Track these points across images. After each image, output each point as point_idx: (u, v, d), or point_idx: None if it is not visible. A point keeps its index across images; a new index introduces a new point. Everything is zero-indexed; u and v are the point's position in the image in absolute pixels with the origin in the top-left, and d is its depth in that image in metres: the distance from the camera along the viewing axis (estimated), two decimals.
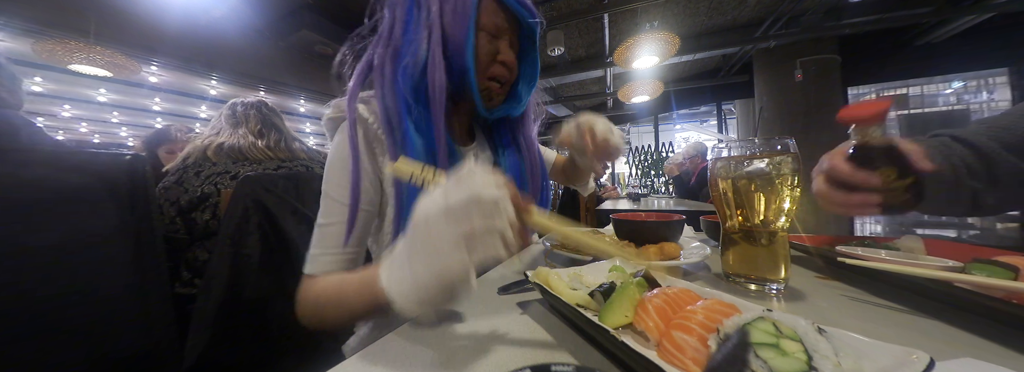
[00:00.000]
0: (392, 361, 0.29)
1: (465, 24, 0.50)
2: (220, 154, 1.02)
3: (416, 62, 0.50)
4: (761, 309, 0.27)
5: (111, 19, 3.32)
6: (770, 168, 0.43)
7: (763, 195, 0.44)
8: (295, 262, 0.80)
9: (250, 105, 1.14)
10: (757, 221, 0.45)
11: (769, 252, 0.44)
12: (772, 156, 0.44)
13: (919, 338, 0.31)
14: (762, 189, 0.44)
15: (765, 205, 0.44)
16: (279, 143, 1.11)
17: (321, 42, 4.26)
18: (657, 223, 0.63)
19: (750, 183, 0.45)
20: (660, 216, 0.67)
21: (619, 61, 3.22)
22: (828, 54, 3.85)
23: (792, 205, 0.44)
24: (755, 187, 0.44)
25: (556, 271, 0.40)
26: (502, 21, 0.54)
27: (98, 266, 0.59)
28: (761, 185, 0.44)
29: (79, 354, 0.57)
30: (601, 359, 0.28)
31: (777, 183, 0.43)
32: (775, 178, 0.43)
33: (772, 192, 0.44)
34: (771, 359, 0.21)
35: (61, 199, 0.57)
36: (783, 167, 0.43)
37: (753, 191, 0.45)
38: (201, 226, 0.98)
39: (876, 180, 0.41)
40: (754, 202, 0.45)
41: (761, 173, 0.44)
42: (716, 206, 0.50)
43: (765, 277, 0.44)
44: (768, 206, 0.44)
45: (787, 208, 0.44)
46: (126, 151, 0.64)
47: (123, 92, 5.30)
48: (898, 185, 0.40)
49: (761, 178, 0.44)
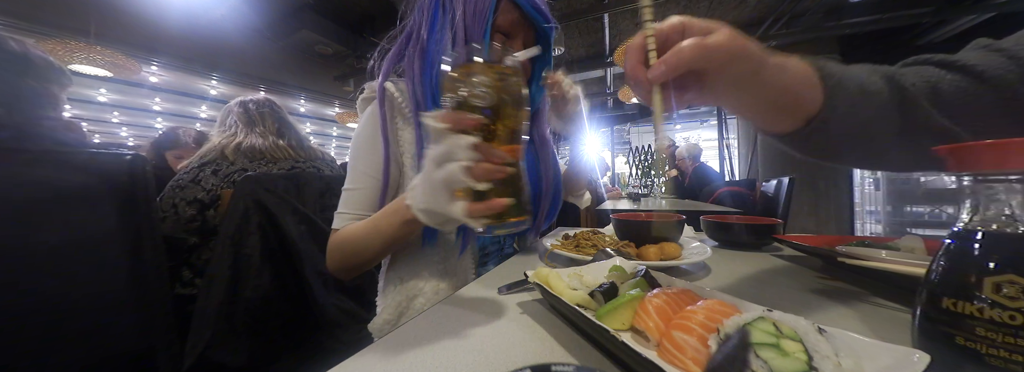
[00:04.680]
0: (392, 361, 0.29)
1: (482, 26, 0.56)
2: (238, 154, 1.02)
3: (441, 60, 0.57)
4: (762, 309, 0.27)
5: (111, 19, 3.32)
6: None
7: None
8: (295, 262, 0.80)
9: (262, 103, 1.14)
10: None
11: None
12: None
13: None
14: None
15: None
16: (300, 142, 1.12)
17: (321, 42, 4.26)
18: (657, 223, 0.63)
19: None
20: (660, 216, 0.67)
21: (619, 61, 3.23)
22: (828, 54, 3.85)
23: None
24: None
25: (556, 271, 0.40)
26: (517, 24, 0.60)
27: (98, 266, 0.59)
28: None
29: (79, 354, 0.57)
30: (601, 359, 0.28)
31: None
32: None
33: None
34: (771, 359, 0.21)
35: (62, 199, 0.57)
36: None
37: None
38: (212, 224, 0.99)
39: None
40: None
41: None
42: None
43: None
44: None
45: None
46: (126, 151, 0.64)
47: (123, 92, 5.31)
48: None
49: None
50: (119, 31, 3.40)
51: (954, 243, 0.24)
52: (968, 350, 0.21)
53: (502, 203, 0.34)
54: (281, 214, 0.78)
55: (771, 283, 0.48)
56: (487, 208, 0.34)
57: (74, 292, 0.56)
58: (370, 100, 0.64)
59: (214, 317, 0.69)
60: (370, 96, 0.64)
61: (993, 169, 0.22)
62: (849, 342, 0.23)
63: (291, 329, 0.80)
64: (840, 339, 0.23)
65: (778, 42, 3.85)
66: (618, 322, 0.31)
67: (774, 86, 0.35)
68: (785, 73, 0.35)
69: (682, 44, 0.30)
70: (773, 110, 0.38)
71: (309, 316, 0.81)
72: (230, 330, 0.70)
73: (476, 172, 0.33)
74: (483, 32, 0.56)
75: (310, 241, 0.83)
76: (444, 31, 0.57)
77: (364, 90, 0.65)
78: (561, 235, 0.73)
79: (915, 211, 4.24)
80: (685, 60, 0.30)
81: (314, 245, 0.83)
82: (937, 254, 0.24)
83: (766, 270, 0.55)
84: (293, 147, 1.10)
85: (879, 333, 0.32)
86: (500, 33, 0.60)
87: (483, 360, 0.28)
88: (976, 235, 0.22)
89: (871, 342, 0.22)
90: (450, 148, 0.34)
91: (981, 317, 0.21)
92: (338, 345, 0.83)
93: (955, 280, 0.23)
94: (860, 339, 0.23)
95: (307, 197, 0.86)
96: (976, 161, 0.23)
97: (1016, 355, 0.20)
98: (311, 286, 0.80)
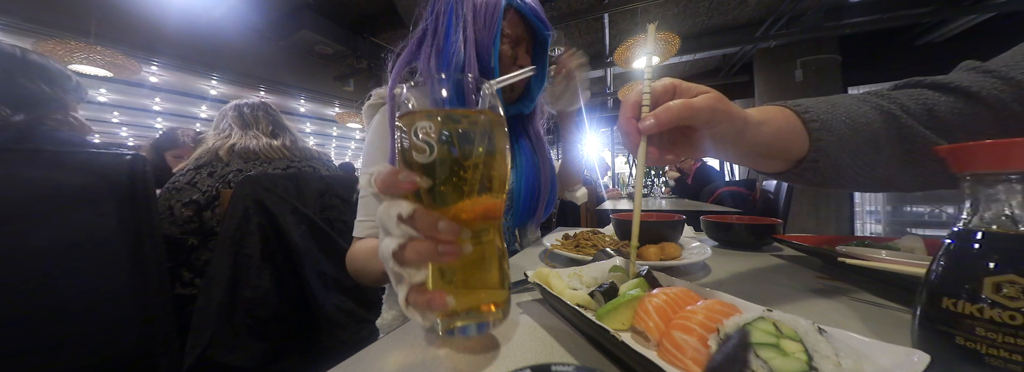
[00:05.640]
0: (392, 361, 0.29)
1: (492, 33, 0.61)
2: (232, 154, 1.04)
3: (456, 62, 0.60)
4: (762, 309, 0.27)
5: (111, 19, 3.32)
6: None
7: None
8: (295, 262, 0.80)
9: (256, 106, 1.15)
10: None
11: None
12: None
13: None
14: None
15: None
16: (295, 143, 1.13)
17: (321, 42, 4.26)
18: (658, 223, 0.63)
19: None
20: (661, 216, 0.67)
21: (619, 61, 3.22)
22: (828, 54, 3.85)
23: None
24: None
25: (556, 271, 0.40)
26: (522, 31, 0.66)
27: (98, 266, 0.59)
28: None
29: (79, 353, 0.57)
30: (601, 359, 0.28)
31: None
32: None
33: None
34: (771, 359, 0.21)
35: (62, 199, 0.57)
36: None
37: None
38: (210, 225, 0.99)
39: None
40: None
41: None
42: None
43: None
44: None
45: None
46: (126, 151, 0.64)
47: (123, 92, 5.31)
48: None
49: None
50: (119, 31, 3.40)
51: (954, 243, 0.24)
52: (968, 350, 0.21)
53: (441, 300, 0.24)
54: (281, 214, 0.78)
55: (771, 283, 0.48)
56: (426, 303, 0.24)
57: (74, 292, 0.56)
58: (377, 107, 0.66)
59: (214, 317, 0.69)
60: (377, 103, 0.66)
61: (993, 169, 0.22)
62: (849, 342, 0.23)
63: (291, 329, 0.80)
64: (840, 339, 0.23)
65: (778, 42, 3.86)
66: (618, 322, 0.31)
67: (758, 142, 0.37)
68: (768, 127, 0.37)
69: (671, 103, 0.32)
70: (760, 158, 0.40)
71: (309, 316, 0.81)
72: (230, 330, 0.70)
73: (407, 255, 0.24)
74: (493, 39, 0.60)
75: (310, 241, 0.83)
76: (458, 35, 0.60)
77: (371, 97, 0.66)
78: (561, 235, 0.73)
79: (915, 211, 4.24)
80: (673, 116, 0.32)
81: (314, 245, 0.83)
82: (937, 254, 0.25)
83: (766, 270, 0.55)
84: (287, 147, 1.10)
85: (879, 333, 0.32)
86: (507, 39, 0.64)
87: (483, 360, 0.28)
88: (976, 235, 0.22)
89: (871, 342, 0.22)
90: (381, 219, 0.25)
91: (981, 317, 0.21)
92: (338, 345, 0.83)
93: (955, 280, 0.23)
94: (860, 339, 0.23)
95: (307, 197, 0.86)
96: (976, 161, 0.23)
97: (1016, 355, 0.20)
98: (311, 286, 0.80)
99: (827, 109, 0.39)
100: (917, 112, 0.39)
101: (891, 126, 0.39)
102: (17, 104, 0.75)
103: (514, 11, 0.64)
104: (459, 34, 0.60)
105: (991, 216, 0.22)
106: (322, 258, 0.84)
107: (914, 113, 0.39)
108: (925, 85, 0.41)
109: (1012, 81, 0.36)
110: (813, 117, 0.38)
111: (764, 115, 0.38)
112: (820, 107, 0.39)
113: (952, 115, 0.38)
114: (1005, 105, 0.36)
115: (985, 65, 0.39)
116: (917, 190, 0.43)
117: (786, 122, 0.38)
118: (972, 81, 0.38)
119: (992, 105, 0.36)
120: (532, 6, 0.65)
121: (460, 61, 0.60)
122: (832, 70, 3.89)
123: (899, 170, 0.40)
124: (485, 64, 0.62)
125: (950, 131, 0.38)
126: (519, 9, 0.64)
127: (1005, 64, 0.38)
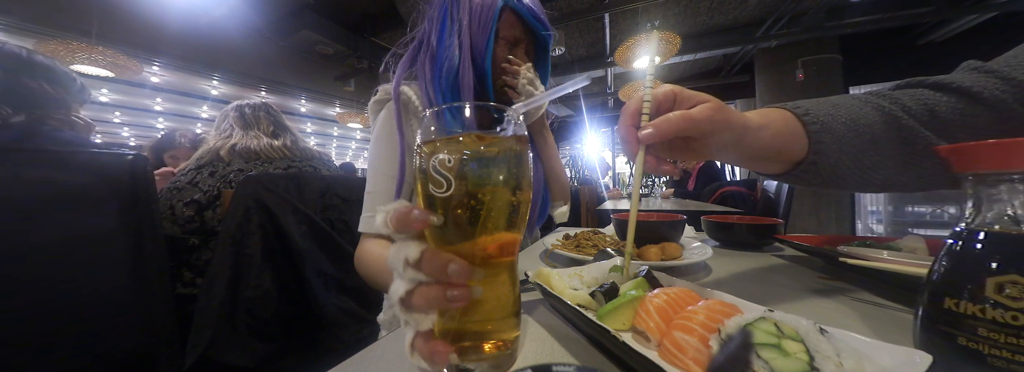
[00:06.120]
0: (392, 361, 0.29)
1: (486, 35, 0.60)
2: (233, 154, 1.04)
3: (450, 67, 0.60)
4: (763, 309, 0.27)
5: (113, 19, 3.33)
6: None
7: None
8: (296, 262, 0.80)
9: (258, 107, 1.15)
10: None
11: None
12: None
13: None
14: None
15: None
16: (295, 143, 1.14)
17: (321, 42, 4.26)
18: (658, 223, 0.63)
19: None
20: (661, 216, 0.67)
21: (619, 61, 3.22)
22: (829, 54, 3.85)
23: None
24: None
25: (557, 271, 0.40)
26: (519, 32, 0.65)
27: (99, 266, 0.60)
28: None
29: (81, 353, 0.57)
30: (602, 359, 0.28)
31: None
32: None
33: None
34: (773, 359, 0.21)
35: (64, 198, 0.57)
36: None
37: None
38: (211, 225, 0.99)
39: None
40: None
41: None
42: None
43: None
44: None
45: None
46: (128, 151, 0.64)
47: (125, 92, 5.32)
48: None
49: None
50: (121, 31, 3.41)
51: (956, 243, 0.23)
52: (970, 351, 0.21)
53: (444, 355, 0.22)
54: (282, 214, 0.78)
55: (772, 283, 0.48)
56: (430, 355, 0.22)
57: (75, 292, 0.57)
58: (383, 102, 0.66)
59: (215, 317, 0.69)
60: (383, 97, 0.66)
61: (995, 169, 0.22)
62: (851, 342, 0.23)
63: (292, 329, 0.80)
64: (842, 339, 0.23)
65: (779, 42, 3.85)
66: (619, 322, 0.31)
67: (758, 146, 0.37)
68: (768, 131, 0.37)
69: (670, 115, 0.33)
70: (759, 161, 0.40)
71: (310, 316, 0.81)
72: (231, 330, 0.70)
73: (414, 301, 0.22)
74: (487, 41, 0.60)
75: (311, 241, 0.83)
76: (452, 39, 0.60)
77: (378, 92, 0.66)
78: (562, 235, 0.73)
79: (917, 211, 4.23)
80: (672, 128, 0.32)
81: (315, 245, 0.83)
82: (939, 254, 0.24)
83: (767, 270, 0.55)
84: (288, 147, 1.11)
85: (881, 333, 0.32)
86: (503, 41, 0.64)
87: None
88: (978, 235, 0.22)
89: (873, 342, 0.22)
90: (391, 261, 0.23)
91: (983, 317, 0.21)
92: (339, 345, 0.83)
93: (957, 280, 0.22)
94: (862, 339, 0.23)
95: (308, 197, 0.86)
96: (978, 161, 0.23)
97: (1018, 356, 0.19)
98: (312, 286, 0.80)
99: (828, 111, 0.39)
100: (918, 112, 0.39)
101: (892, 127, 0.39)
102: (20, 104, 0.76)
103: (511, 12, 0.63)
104: (454, 38, 0.60)
105: (993, 216, 0.22)
106: (323, 258, 0.84)
107: (915, 113, 0.39)
108: (927, 85, 0.41)
109: (1013, 81, 0.36)
110: (813, 119, 0.38)
111: (764, 119, 0.38)
112: (821, 109, 0.40)
113: (953, 115, 0.38)
114: (1007, 105, 0.36)
115: (986, 65, 0.39)
116: (918, 190, 0.43)
117: (786, 125, 0.39)
118: (974, 81, 0.38)
119: (994, 105, 0.36)
120: (530, 6, 0.64)
121: (454, 66, 0.60)
122: (833, 70, 3.89)
123: (900, 171, 0.40)
124: (479, 67, 0.61)
125: (951, 131, 0.38)
126: (516, 10, 0.63)
127: (1007, 64, 0.38)
